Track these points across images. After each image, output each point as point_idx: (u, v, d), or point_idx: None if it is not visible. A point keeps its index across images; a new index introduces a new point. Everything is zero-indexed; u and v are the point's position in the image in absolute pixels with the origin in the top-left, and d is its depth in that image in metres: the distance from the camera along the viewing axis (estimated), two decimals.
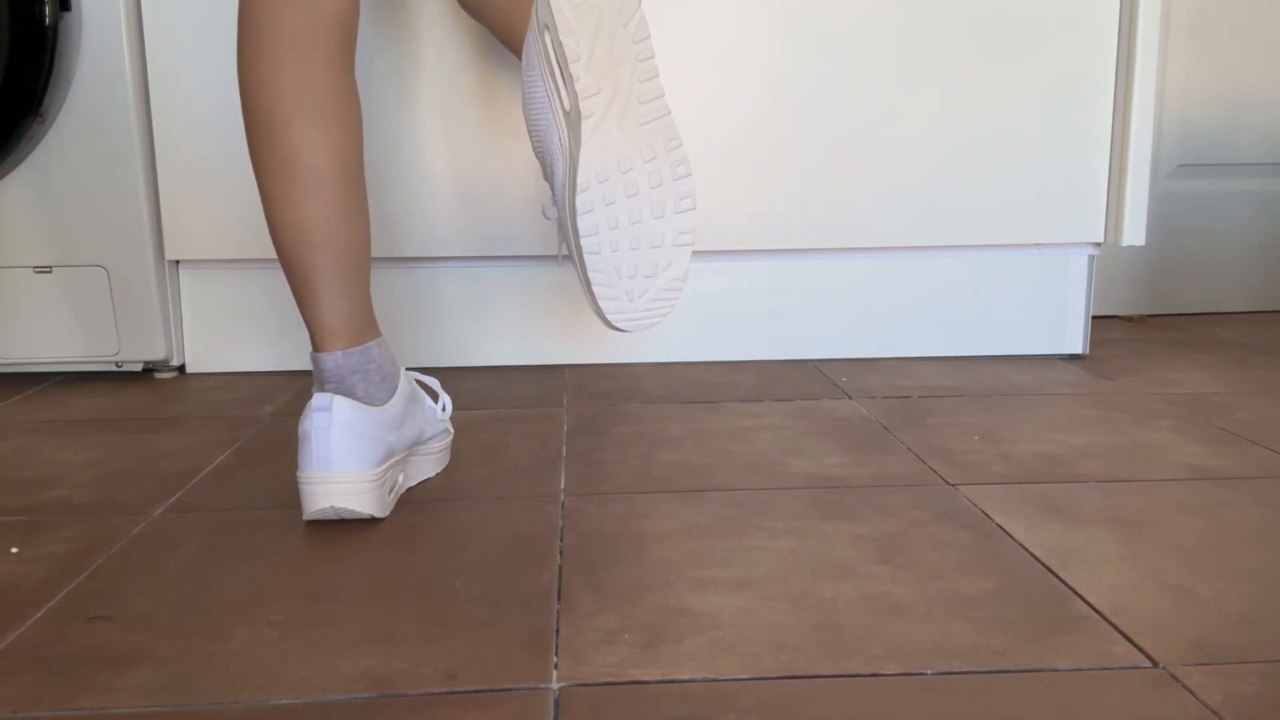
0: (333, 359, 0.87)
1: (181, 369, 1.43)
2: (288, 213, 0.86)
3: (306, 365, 1.42)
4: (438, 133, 1.35)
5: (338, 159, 0.87)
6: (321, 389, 0.87)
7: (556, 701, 0.58)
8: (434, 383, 0.99)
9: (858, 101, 1.37)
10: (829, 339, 1.45)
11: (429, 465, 0.97)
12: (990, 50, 1.37)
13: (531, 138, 0.89)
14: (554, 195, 0.90)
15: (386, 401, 0.89)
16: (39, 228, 1.32)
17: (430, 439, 0.97)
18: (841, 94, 1.37)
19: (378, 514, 0.85)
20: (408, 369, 1.06)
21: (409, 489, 0.94)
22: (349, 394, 0.87)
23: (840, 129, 1.38)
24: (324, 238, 0.87)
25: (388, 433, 0.87)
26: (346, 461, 0.83)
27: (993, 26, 1.36)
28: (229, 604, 0.71)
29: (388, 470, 0.88)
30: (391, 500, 0.89)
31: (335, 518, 0.85)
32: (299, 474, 0.84)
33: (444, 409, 0.98)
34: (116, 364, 1.38)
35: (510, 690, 0.59)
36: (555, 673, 0.61)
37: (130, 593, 0.73)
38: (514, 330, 1.43)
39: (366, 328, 0.90)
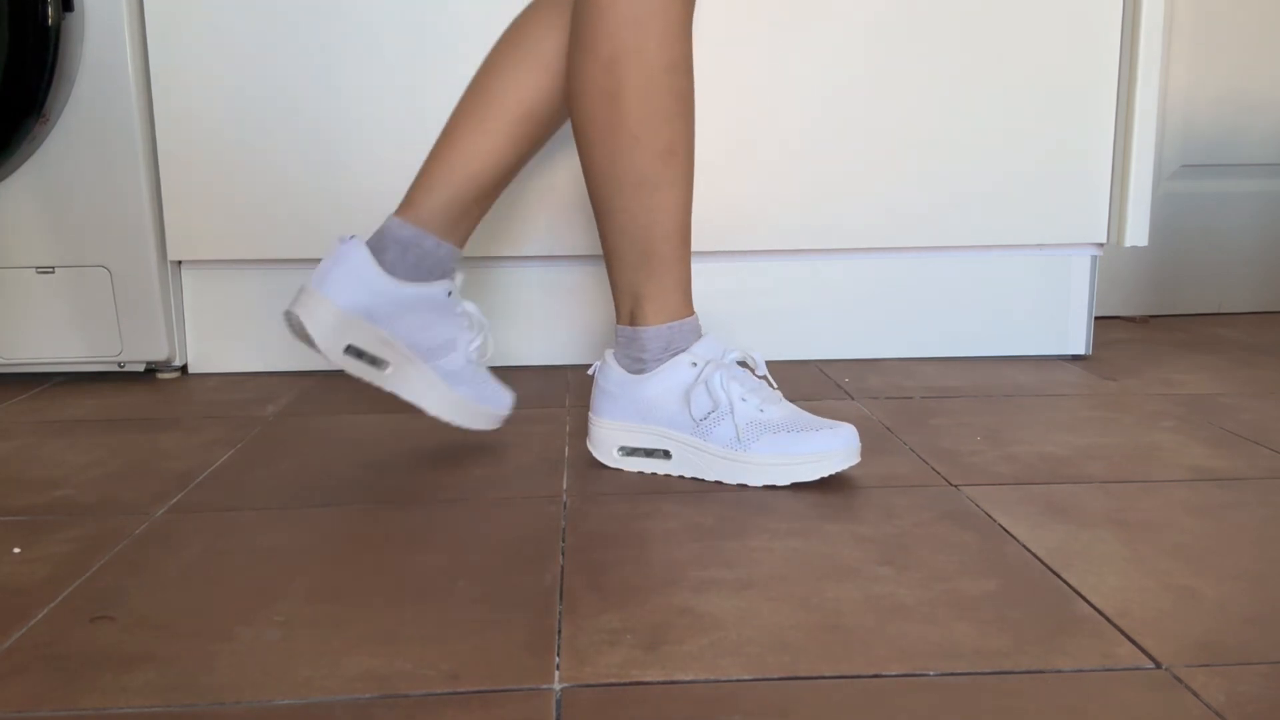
0: (390, 220, 0.98)
1: (184, 369, 1.43)
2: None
3: (308, 365, 1.42)
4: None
5: (524, 98, 0.99)
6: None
7: (559, 702, 0.58)
8: (486, 328, 1.04)
9: (861, 102, 1.37)
10: (832, 339, 1.45)
11: (428, 391, 0.99)
12: (993, 51, 1.37)
13: None
14: None
15: (407, 280, 0.96)
16: (42, 228, 1.32)
17: (437, 356, 0.99)
18: (845, 95, 1.37)
19: (319, 343, 0.92)
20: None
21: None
22: (378, 253, 0.96)
23: (844, 130, 1.37)
24: (463, 137, 0.99)
25: (380, 298, 0.94)
26: (326, 287, 0.93)
27: (996, 28, 1.36)
28: (232, 604, 0.71)
29: (358, 324, 0.94)
30: (349, 363, 0.95)
31: (293, 327, 0.94)
32: None
33: (478, 347, 1.02)
34: (119, 364, 1.38)
35: (513, 691, 0.59)
36: (558, 673, 0.61)
37: (133, 593, 0.73)
38: (516, 330, 1.43)
39: (441, 227, 0.98)
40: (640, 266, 0.95)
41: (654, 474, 0.97)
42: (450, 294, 0.99)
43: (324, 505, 0.90)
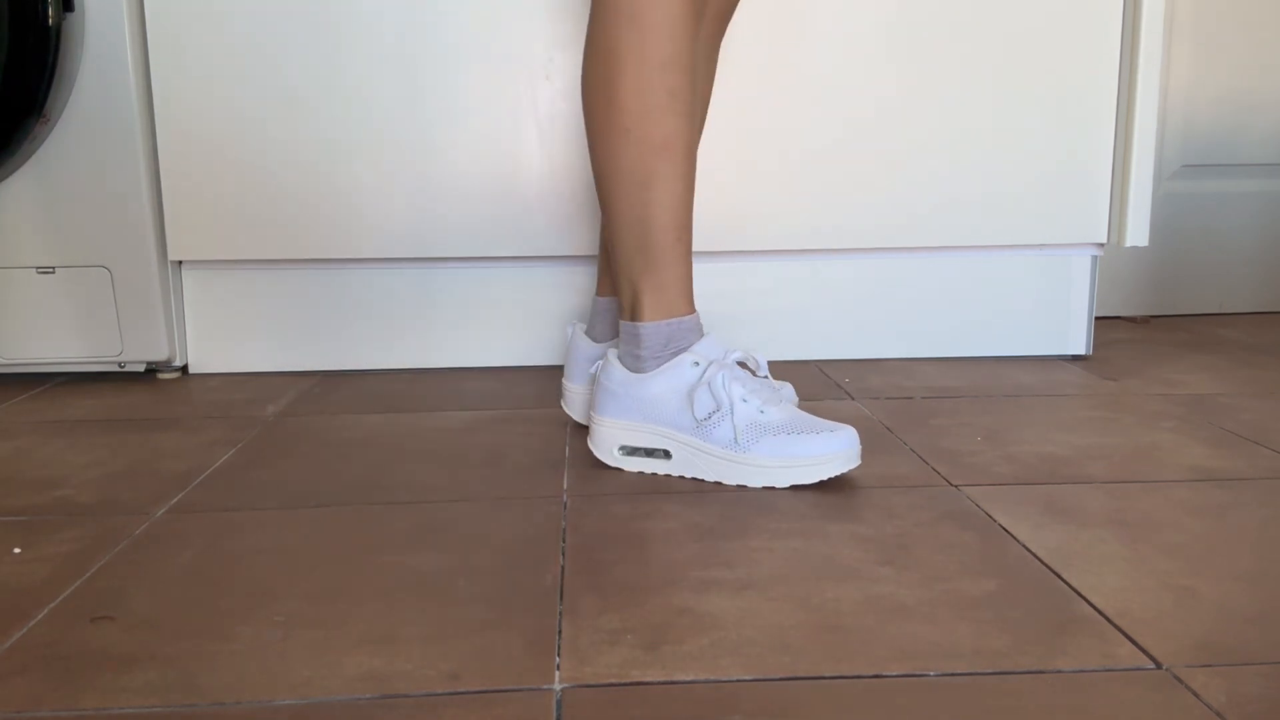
0: (597, 298, 1.11)
1: (184, 369, 1.43)
2: None
3: (309, 365, 1.42)
4: (441, 133, 1.35)
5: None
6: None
7: (559, 702, 0.58)
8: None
9: (862, 103, 1.37)
10: (832, 339, 1.45)
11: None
12: (994, 51, 1.37)
13: None
14: None
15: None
16: (42, 228, 1.32)
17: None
18: (846, 95, 1.37)
19: (580, 420, 1.11)
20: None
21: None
22: (589, 324, 1.11)
23: (844, 130, 1.37)
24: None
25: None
26: (567, 374, 1.12)
27: (996, 28, 1.36)
28: (232, 604, 0.71)
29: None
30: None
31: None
32: None
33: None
34: (119, 364, 1.38)
35: (513, 691, 0.59)
36: (558, 674, 0.61)
37: (133, 593, 0.73)
38: (516, 331, 1.43)
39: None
40: (637, 260, 0.96)
41: (654, 474, 0.97)
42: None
43: (324, 505, 0.90)
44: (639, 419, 0.96)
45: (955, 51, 1.36)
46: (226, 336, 1.41)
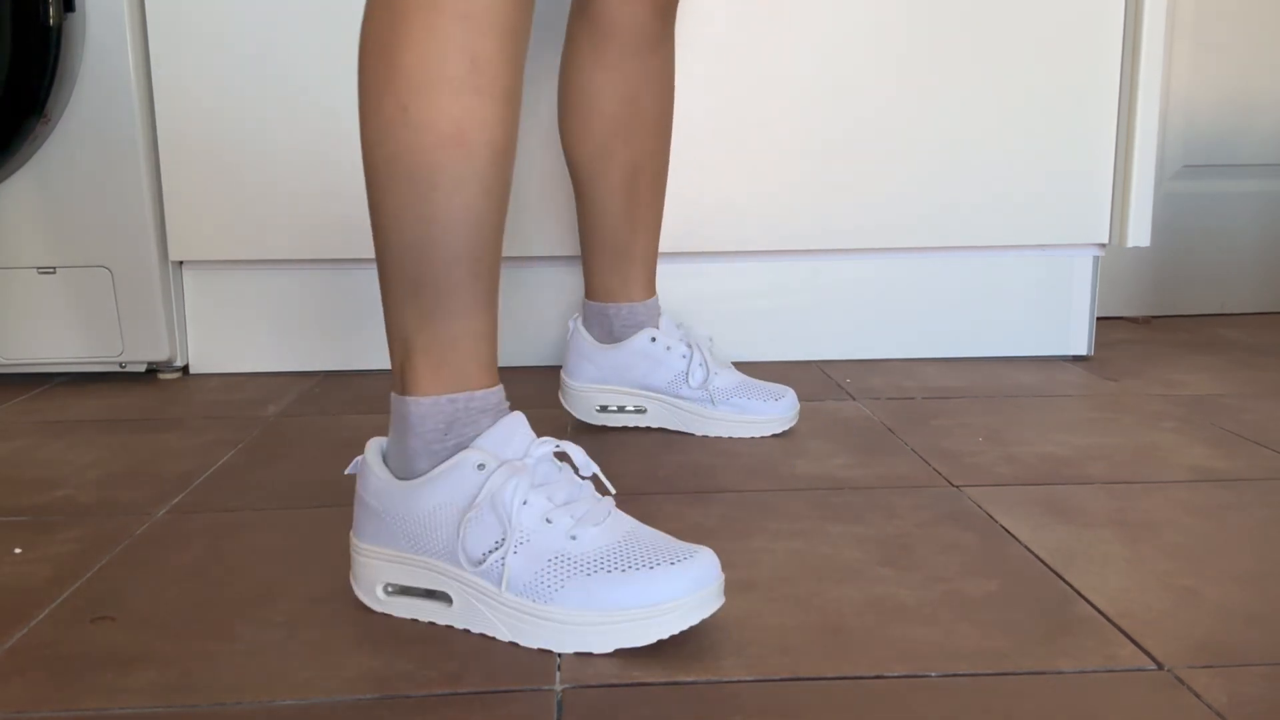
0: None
1: (185, 370, 1.43)
2: None
3: (309, 366, 1.42)
4: None
5: None
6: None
7: (560, 703, 0.58)
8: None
9: (863, 102, 1.37)
10: (833, 340, 1.45)
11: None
12: (995, 51, 1.37)
13: None
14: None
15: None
16: (43, 228, 1.32)
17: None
18: (847, 95, 1.37)
19: (580, 417, 1.12)
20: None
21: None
22: (587, 327, 1.14)
23: (845, 130, 1.37)
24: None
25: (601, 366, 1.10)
26: (567, 370, 1.13)
27: (998, 27, 1.36)
28: (233, 605, 0.71)
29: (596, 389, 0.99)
30: (611, 418, 1.10)
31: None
32: None
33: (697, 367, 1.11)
34: (120, 365, 1.38)
35: (514, 691, 0.59)
36: (559, 674, 0.61)
37: (134, 593, 0.73)
38: (515, 330, 1.43)
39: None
40: (410, 306, 0.67)
41: (431, 623, 0.68)
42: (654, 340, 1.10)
43: (324, 505, 0.90)
44: (408, 547, 0.67)
45: (956, 51, 1.36)
46: (227, 336, 1.41)
